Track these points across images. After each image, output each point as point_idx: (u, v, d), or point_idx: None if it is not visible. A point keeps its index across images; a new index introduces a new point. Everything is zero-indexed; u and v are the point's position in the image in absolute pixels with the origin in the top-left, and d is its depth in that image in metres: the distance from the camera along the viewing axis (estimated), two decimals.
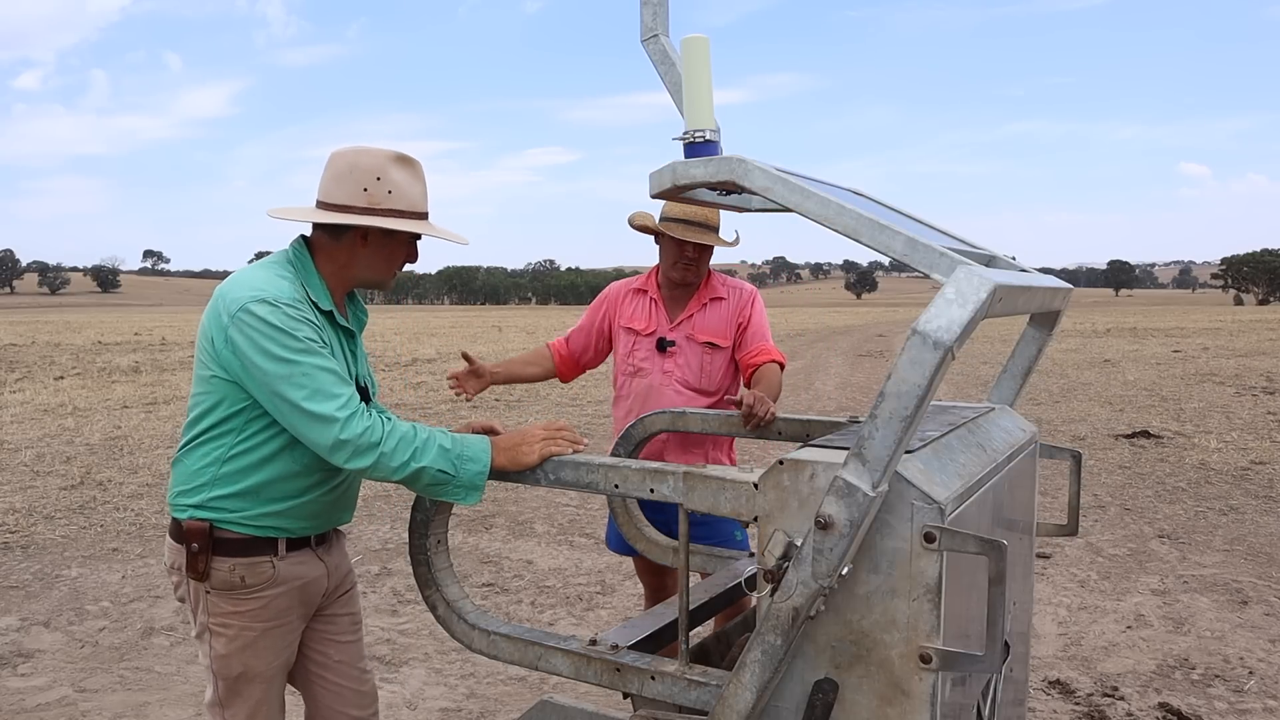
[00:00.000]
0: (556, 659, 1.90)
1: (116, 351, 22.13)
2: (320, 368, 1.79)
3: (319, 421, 1.76)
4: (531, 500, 6.62)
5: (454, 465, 1.81)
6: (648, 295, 3.06)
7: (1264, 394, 12.43)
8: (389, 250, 1.98)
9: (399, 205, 1.93)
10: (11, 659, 3.92)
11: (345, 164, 1.93)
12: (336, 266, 1.98)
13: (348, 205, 1.91)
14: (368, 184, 1.91)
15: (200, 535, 1.90)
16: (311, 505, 1.97)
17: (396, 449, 1.77)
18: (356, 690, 2.16)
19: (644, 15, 2.01)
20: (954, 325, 1.38)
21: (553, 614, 4.53)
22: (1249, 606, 4.54)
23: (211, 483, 1.90)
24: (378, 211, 1.91)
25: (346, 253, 1.97)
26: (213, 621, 1.95)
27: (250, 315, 1.79)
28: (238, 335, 1.80)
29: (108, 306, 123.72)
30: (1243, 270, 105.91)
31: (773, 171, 1.63)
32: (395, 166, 1.94)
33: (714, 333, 2.98)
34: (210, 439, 1.91)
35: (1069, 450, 2.41)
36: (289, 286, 1.86)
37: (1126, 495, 6.83)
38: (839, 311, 68.74)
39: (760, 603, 1.55)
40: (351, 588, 2.20)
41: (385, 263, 2.00)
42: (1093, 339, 25.50)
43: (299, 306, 1.83)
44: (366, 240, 1.95)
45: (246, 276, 1.88)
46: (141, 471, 7.72)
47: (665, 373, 2.97)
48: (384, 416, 1.86)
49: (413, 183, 1.96)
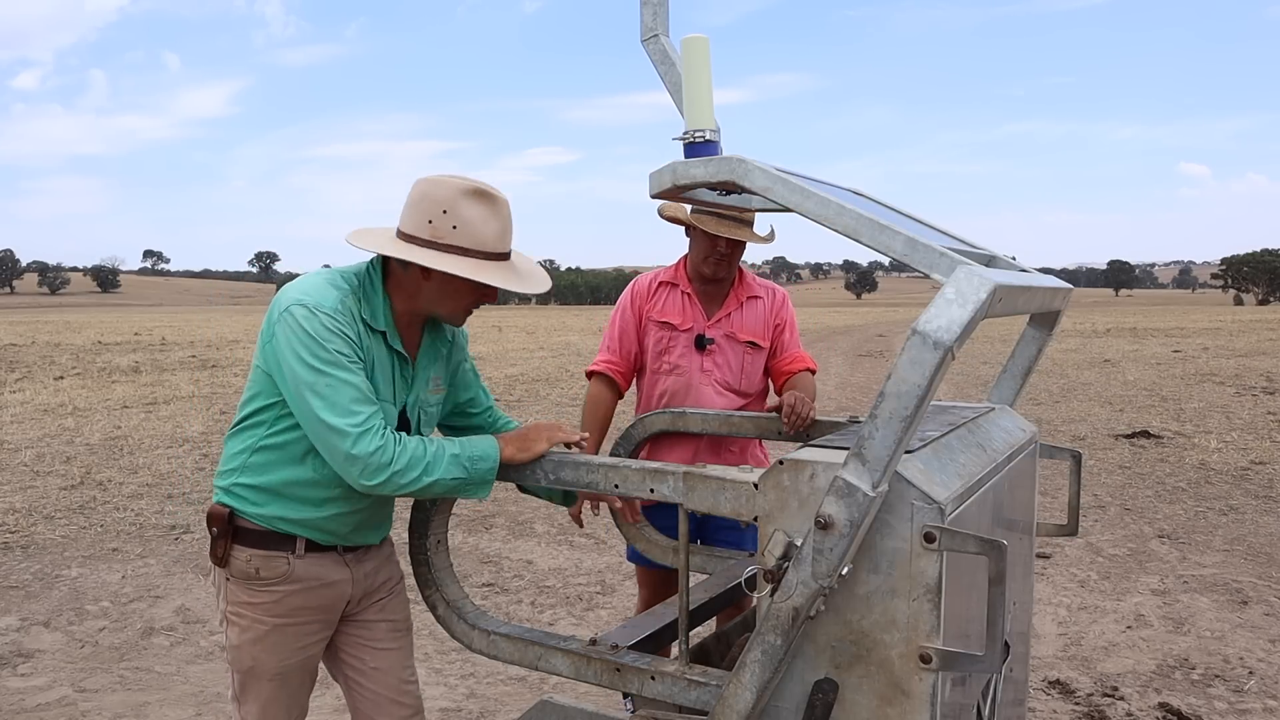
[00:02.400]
0: (556, 659, 1.90)
1: (116, 351, 22.12)
2: (344, 381, 1.78)
3: (332, 433, 1.76)
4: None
5: (465, 469, 1.82)
6: (679, 289, 2.89)
7: (1264, 394, 12.43)
8: (454, 288, 1.89)
9: (464, 243, 1.83)
10: (11, 659, 3.92)
11: (419, 192, 1.86)
12: (403, 295, 1.92)
13: (412, 236, 1.85)
14: (434, 216, 1.83)
15: (221, 520, 1.93)
16: (332, 521, 1.95)
17: (407, 467, 1.77)
18: (394, 700, 2.10)
19: (644, 15, 2.02)
20: (954, 325, 1.38)
21: (553, 614, 4.53)
22: (1249, 606, 4.54)
23: (241, 469, 1.93)
24: (439, 247, 1.83)
25: (412, 284, 1.90)
26: (230, 609, 1.97)
27: (290, 317, 1.80)
28: (279, 333, 1.81)
29: (108, 306, 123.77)
30: (1243, 270, 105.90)
31: (773, 171, 1.63)
32: (468, 200, 1.84)
33: (754, 332, 2.86)
34: (247, 427, 1.93)
35: (1069, 450, 2.41)
36: (336, 297, 1.84)
37: (1126, 495, 6.83)
38: (839, 311, 68.77)
39: (760, 603, 1.55)
40: (390, 595, 2.13)
41: (450, 300, 1.91)
42: (1093, 339, 25.50)
43: (338, 318, 1.81)
44: (429, 275, 1.87)
45: (304, 280, 1.89)
46: (141, 471, 7.72)
47: (704, 371, 2.83)
48: (395, 435, 1.81)
49: (487, 219, 1.85)
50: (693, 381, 2.83)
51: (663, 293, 2.91)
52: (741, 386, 2.86)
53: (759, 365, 2.89)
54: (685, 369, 2.84)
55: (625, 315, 2.94)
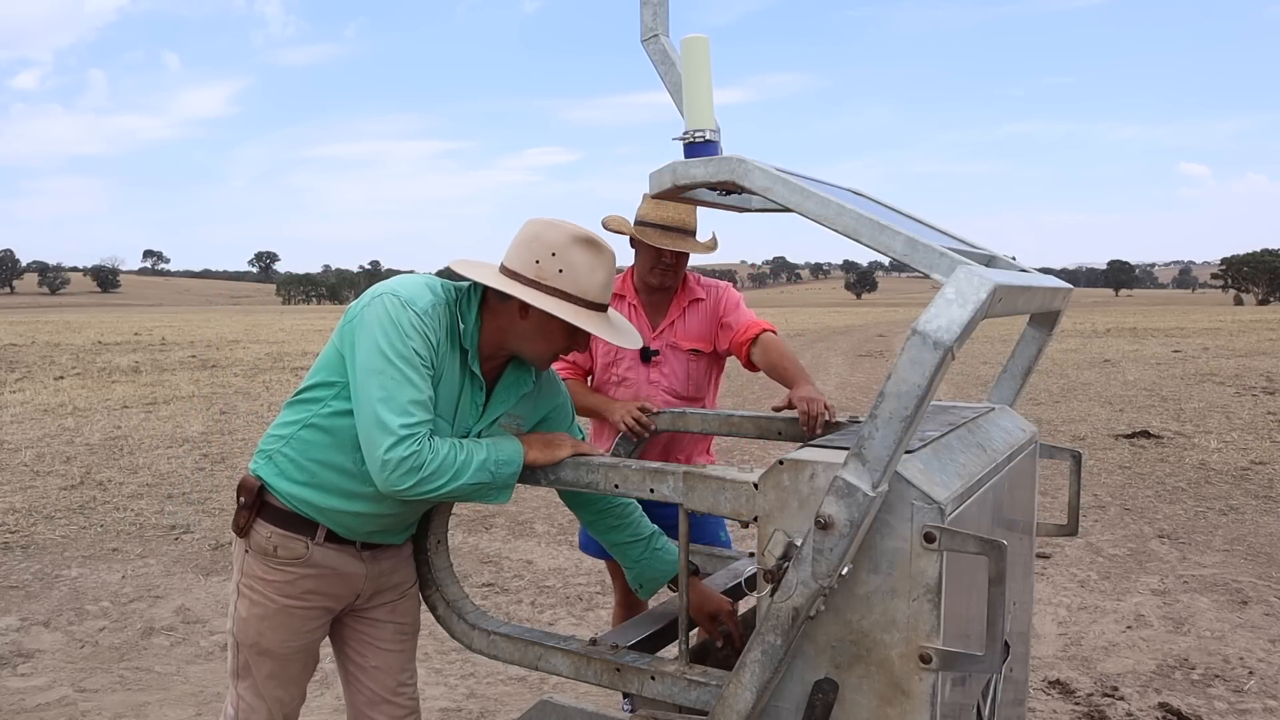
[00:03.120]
0: (556, 659, 1.90)
1: (116, 351, 22.12)
2: (409, 381, 1.77)
3: (378, 428, 1.75)
4: (531, 500, 6.62)
5: (490, 473, 1.82)
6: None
7: (1264, 394, 12.43)
8: (548, 331, 1.89)
9: (567, 288, 1.84)
10: (11, 659, 3.92)
11: (531, 232, 1.88)
12: (494, 327, 1.92)
13: (517, 273, 1.85)
14: (541, 257, 1.84)
15: (250, 492, 1.94)
16: (354, 519, 1.95)
17: (436, 473, 1.77)
18: (389, 701, 2.12)
19: (644, 15, 2.02)
20: (954, 325, 1.38)
21: (553, 614, 4.53)
22: (1249, 606, 4.54)
23: (289, 439, 1.93)
24: (542, 288, 1.84)
25: (507, 318, 1.90)
26: (243, 581, 1.99)
27: (381, 303, 1.81)
28: (367, 315, 1.82)
29: (108, 306, 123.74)
30: (1243, 270, 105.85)
31: (773, 171, 1.63)
32: (577, 247, 1.85)
33: (697, 338, 2.92)
34: (307, 400, 1.94)
35: (1069, 450, 2.41)
36: (430, 301, 1.84)
37: (1126, 495, 6.83)
38: (839, 311, 68.75)
39: (760, 603, 1.55)
40: (402, 598, 2.13)
41: (542, 342, 1.91)
42: (1093, 339, 25.50)
43: (425, 319, 1.81)
44: (526, 314, 1.88)
45: (403, 277, 1.91)
46: (141, 471, 7.72)
47: (652, 382, 2.91)
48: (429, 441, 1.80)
49: (594, 269, 1.87)
50: (641, 392, 2.90)
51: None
52: (690, 393, 2.94)
53: (703, 369, 2.96)
54: (633, 380, 2.92)
55: None
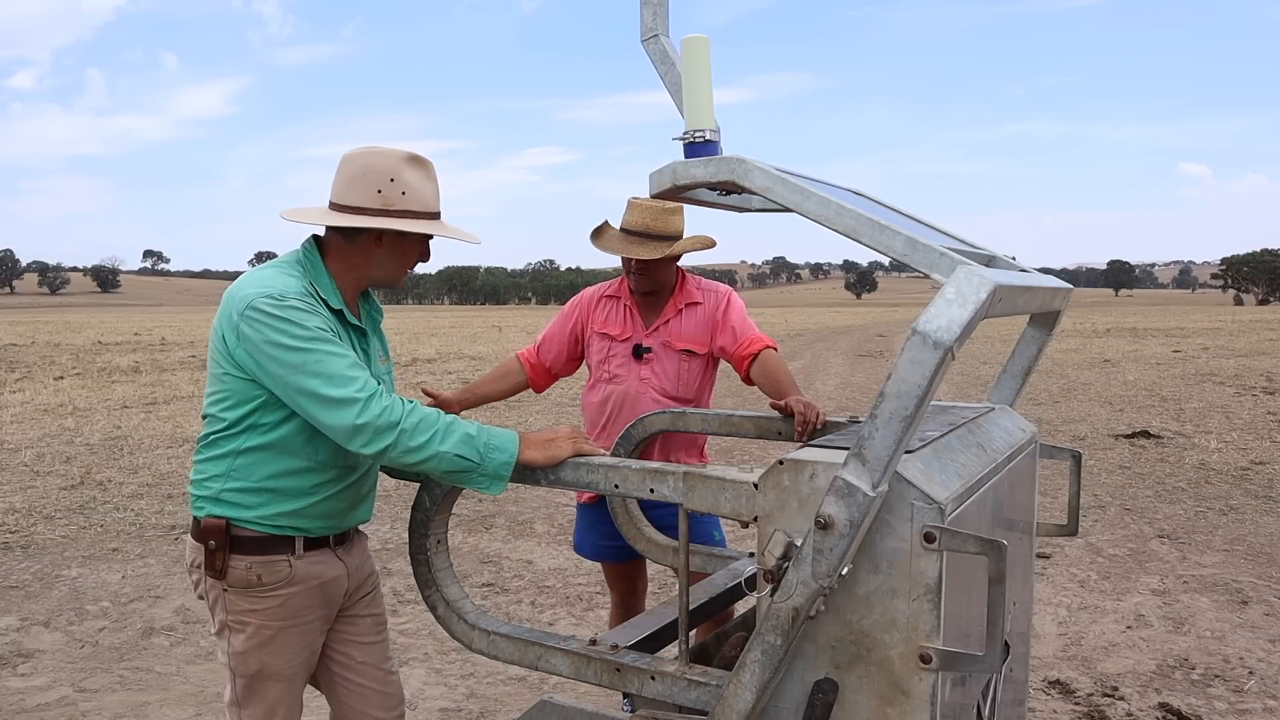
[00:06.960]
0: (556, 659, 1.90)
1: (116, 351, 22.12)
2: (333, 354, 1.80)
3: (338, 406, 1.76)
4: (531, 500, 6.62)
5: (478, 453, 1.80)
6: (620, 300, 3.00)
7: (1264, 394, 12.43)
8: (403, 251, 2.00)
9: (412, 206, 1.95)
10: (11, 659, 3.92)
11: (359, 165, 1.94)
12: (349, 266, 1.99)
13: (362, 207, 1.93)
14: (382, 186, 1.92)
15: (217, 533, 1.92)
16: (326, 504, 1.98)
17: (417, 428, 1.77)
18: (381, 692, 2.15)
19: (644, 15, 2.01)
20: (954, 325, 1.38)
21: (553, 614, 4.53)
22: (1249, 606, 4.54)
23: (227, 475, 1.92)
24: (392, 213, 1.93)
25: (361, 254, 1.98)
26: (231, 619, 1.97)
27: (258, 311, 1.81)
28: (249, 330, 1.81)
29: (108, 306, 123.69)
30: (1243, 270, 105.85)
31: (773, 171, 1.63)
32: (408, 167, 1.95)
33: (691, 339, 2.93)
34: (225, 435, 1.92)
35: (1069, 450, 2.41)
36: (296, 283, 1.88)
37: (1126, 495, 6.83)
38: (839, 311, 68.72)
39: (760, 603, 1.55)
40: (374, 589, 2.19)
41: (399, 263, 2.02)
42: (1093, 339, 25.50)
43: (305, 302, 1.84)
44: (381, 242, 1.97)
45: (254, 276, 1.91)
46: (141, 471, 7.71)
47: (642, 380, 2.92)
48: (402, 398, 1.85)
49: (425, 183, 1.98)
50: (631, 390, 2.91)
51: (605, 305, 3.04)
52: (680, 393, 2.94)
53: (695, 371, 2.95)
54: (624, 378, 2.93)
55: (563, 322, 3.09)
